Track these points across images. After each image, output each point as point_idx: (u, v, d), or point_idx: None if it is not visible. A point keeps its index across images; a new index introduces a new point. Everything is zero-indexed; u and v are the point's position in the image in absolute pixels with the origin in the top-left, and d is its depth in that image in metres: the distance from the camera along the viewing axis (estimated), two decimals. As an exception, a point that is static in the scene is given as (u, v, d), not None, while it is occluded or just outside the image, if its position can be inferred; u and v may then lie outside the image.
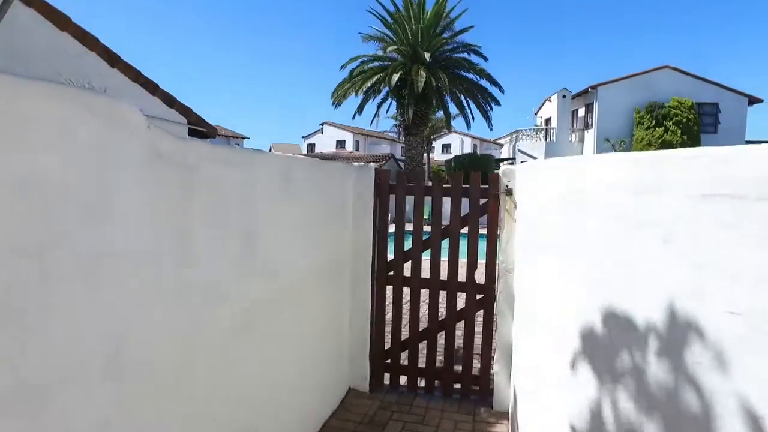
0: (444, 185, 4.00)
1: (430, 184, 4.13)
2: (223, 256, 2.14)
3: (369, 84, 22.75)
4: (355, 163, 4.23)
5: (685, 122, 23.46)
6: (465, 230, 3.96)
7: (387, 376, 4.27)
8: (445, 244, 4.05)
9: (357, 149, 54.24)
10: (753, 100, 26.12)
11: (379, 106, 25.42)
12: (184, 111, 8.61)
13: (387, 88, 23.35)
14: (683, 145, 23.18)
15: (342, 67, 24.09)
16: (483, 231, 3.98)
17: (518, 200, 3.51)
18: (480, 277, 3.91)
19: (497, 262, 3.79)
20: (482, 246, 3.97)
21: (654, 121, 23.82)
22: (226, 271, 2.18)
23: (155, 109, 7.67)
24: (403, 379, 4.27)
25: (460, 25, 23.90)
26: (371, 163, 4.22)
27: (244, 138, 50.66)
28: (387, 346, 4.29)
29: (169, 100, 8.27)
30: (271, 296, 2.65)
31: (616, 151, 24.30)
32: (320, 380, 3.54)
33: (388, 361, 4.22)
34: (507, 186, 3.69)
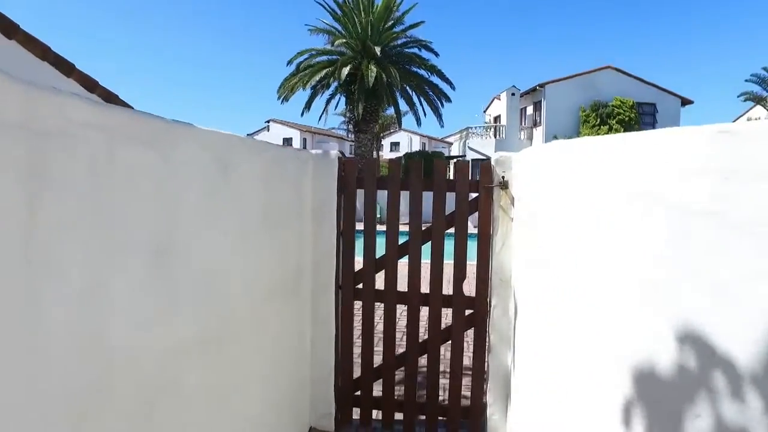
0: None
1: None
2: (118, 281, 1.33)
3: (317, 78, 21.83)
4: (313, 150, 3.46)
5: (627, 121, 24.12)
6: (451, 231, 3.29)
7: (356, 410, 3.53)
8: (426, 249, 3.36)
9: (304, 147, 52.95)
10: (685, 102, 27.33)
11: (328, 101, 24.56)
12: (108, 97, 7.47)
13: (336, 83, 22.54)
14: (626, 143, 23.79)
15: (289, 62, 23.04)
16: (473, 230, 3.33)
17: (518, 194, 2.87)
18: (470, 289, 3.24)
19: (490, 270, 3.14)
20: (472, 251, 3.30)
21: (599, 120, 24.34)
22: (124, 304, 1.37)
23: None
24: (376, 414, 3.54)
25: (410, 19, 23.47)
26: (333, 151, 3.47)
27: (184, 135, 48.21)
28: (356, 374, 3.54)
29: (89, 84, 7.10)
30: (202, 334, 1.85)
31: (563, 148, 24.61)
32: (274, 425, 2.76)
33: (358, 392, 3.47)
34: (502, 178, 3.04)
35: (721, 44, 73.24)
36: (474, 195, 3.19)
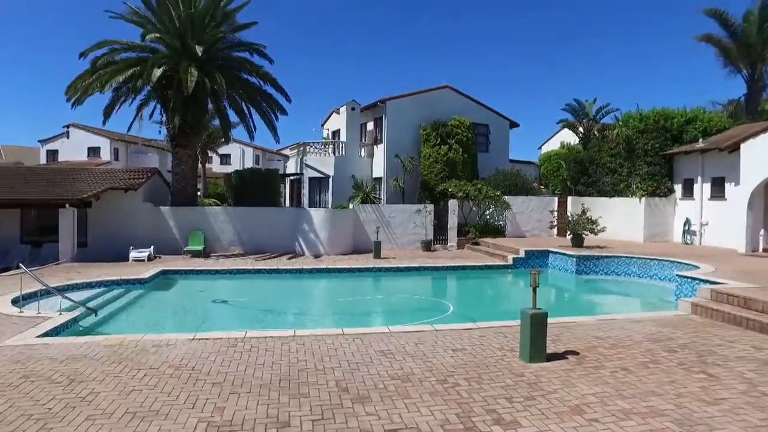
0: None
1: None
2: None
3: (121, 79, 17.58)
4: None
5: (465, 141, 24.36)
6: None
7: None
8: None
9: (116, 158, 45.30)
10: (513, 124, 28.97)
11: (140, 108, 20.25)
12: None
13: (149, 87, 18.49)
14: (464, 162, 24.01)
15: (82, 55, 18.26)
16: None
17: None
18: None
19: None
20: None
21: (439, 139, 24.15)
22: None
23: None
24: None
25: (242, 20, 20.41)
26: None
27: (-59, 139, 37.45)
28: None
29: None
30: None
31: (405, 167, 23.93)
32: None
33: None
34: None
35: (541, 74, 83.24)
36: None
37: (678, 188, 19.54)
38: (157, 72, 16.98)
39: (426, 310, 11.51)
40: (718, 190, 17.75)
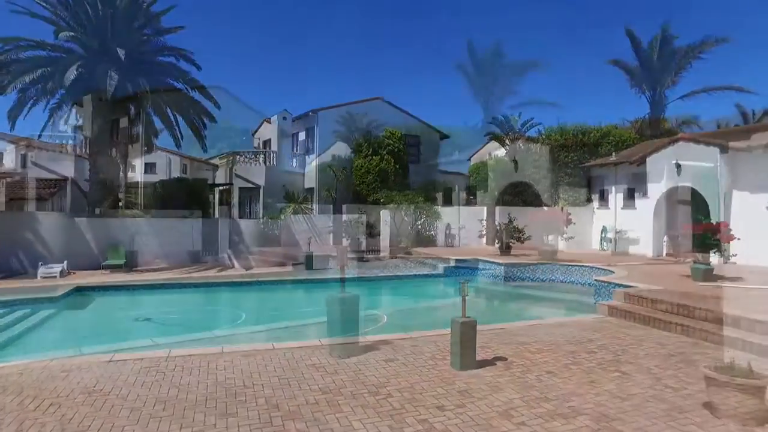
0: None
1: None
2: None
3: (28, 80, 16.28)
4: None
5: (396, 152, 24.76)
6: None
7: None
8: None
9: (24, 166, 41.67)
10: (443, 136, 29.84)
11: (54, 111, 18.88)
12: None
13: (62, 90, 17.26)
14: (396, 173, 24.36)
15: (-20, 50, 16.73)
16: None
17: None
18: None
19: None
20: None
21: (371, 150, 24.36)
22: None
23: None
24: None
25: (168, 23, 19.60)
26: None
27: None
28: None
29: None
30: None
31: (337, 177, 23.93)
32: None
33: None
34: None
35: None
36: None
37: (595, 198, 20.91)
38: (72, 74, 15.89)
39: (360, 321, 11.45)
40: (629, 200, 19.19)
